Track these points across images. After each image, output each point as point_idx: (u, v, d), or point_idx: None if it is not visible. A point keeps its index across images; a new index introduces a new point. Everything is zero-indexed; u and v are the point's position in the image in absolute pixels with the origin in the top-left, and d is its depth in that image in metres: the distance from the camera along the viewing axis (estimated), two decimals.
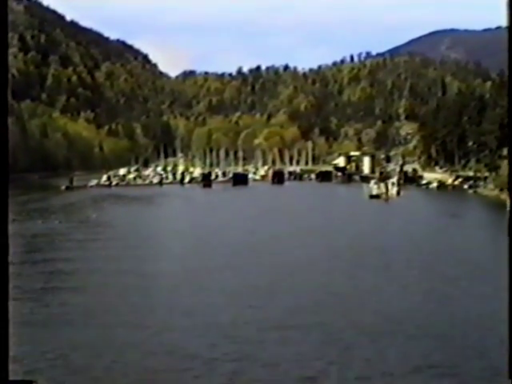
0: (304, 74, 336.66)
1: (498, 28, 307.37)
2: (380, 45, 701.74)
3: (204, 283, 34.48)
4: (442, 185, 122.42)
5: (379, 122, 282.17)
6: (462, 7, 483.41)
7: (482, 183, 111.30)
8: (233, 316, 27.34)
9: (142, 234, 56.17)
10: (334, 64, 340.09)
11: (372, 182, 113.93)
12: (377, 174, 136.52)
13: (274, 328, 25.51)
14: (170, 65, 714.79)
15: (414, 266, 38.29)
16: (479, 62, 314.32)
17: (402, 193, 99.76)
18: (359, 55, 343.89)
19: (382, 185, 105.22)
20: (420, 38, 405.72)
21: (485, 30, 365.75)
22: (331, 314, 27.59)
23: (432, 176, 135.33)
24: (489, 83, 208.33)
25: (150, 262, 41.33)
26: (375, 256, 41.68)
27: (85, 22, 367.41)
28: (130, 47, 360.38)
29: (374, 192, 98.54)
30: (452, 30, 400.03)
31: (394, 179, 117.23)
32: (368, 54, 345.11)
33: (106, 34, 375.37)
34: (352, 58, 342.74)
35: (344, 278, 35.70)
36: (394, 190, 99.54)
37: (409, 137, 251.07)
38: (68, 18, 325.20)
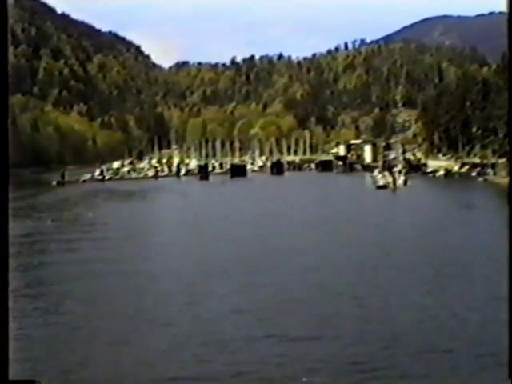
0: (298, 63, 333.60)
1: (491, 14, 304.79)
2: (373, 32, 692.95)
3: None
4: (448, 172, 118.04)
5: (376, 110, 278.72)
6: None
7: (490, 170, 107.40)
8: None
9: (143, 235, 51.56)
10: (329, 52, 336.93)
11: (376, 171, 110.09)
12: (380, 163, 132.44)
13: None
14: (163, 56, 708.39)
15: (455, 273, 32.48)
16: (475, 47, 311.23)
17: (408, 182, 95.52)
18: (353, 43, 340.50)
19: (387, 174, 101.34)
20: (413, 25, 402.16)
21: (477, 16, 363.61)
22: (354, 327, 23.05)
23: (436, 163, 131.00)
24: (485, 68, 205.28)
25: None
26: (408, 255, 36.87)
27: (76, 15, 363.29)
28: (122, 39, 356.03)
29: (381, 182, 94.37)
30: (445, 17, 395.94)
31: (399, 168, 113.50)
32: (362, 41, 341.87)
33: (98, 26, 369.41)
34: (346, 45, 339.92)
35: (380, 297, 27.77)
36: (400, 180, 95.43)
37: (407, 124, 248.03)
38: (59, 10, 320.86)
